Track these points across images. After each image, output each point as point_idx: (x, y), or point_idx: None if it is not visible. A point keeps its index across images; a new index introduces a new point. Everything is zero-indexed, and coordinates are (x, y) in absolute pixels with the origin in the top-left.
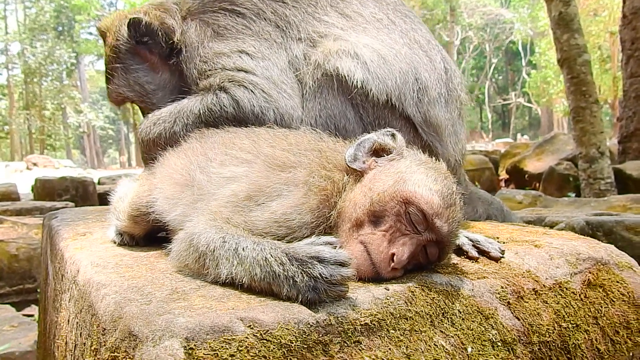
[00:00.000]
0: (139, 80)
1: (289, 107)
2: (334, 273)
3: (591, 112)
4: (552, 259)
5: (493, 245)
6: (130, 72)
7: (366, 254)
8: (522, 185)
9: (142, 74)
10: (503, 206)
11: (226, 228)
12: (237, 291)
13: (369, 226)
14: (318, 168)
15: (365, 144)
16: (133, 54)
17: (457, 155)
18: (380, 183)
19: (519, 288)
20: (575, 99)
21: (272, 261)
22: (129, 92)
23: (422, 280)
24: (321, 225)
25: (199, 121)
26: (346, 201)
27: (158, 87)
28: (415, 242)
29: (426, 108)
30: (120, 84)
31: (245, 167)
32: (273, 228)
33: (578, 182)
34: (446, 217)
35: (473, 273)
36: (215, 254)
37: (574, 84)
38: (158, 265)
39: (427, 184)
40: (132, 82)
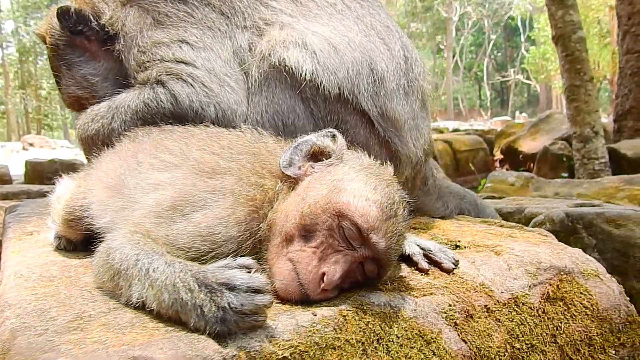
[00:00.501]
0: (83, 73)
1: (232, 102)
2: (245, 302)
3: (586, 91)
4: (511, 269)
5: (446, 254)
6: (73, 67)
7: (294, 274)
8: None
9: (85, 66)
10: (477, 199)
11: (143, 243)
12: (147, 317)
13: (299, 242)
14: (248, 174)
15: (303, 146)
16: (72, 46)
17: (418, 151)
18: (313, 192)
19: (469, 305)
20: (569, 77)
21: (180, 287)
22: (78, 89)
23: (358, 302)
24: (249, 239)
25: (136, 117)
26: (277, 212)
27: (102, 77)
28: (350, 260)
29: (383, 101)
30: (68, 83)
31: (172, 172)
32: (196, 242)
33: (572, 163)
34: (384, 231)
35: (419, 289)
36: (128, 273)
37: (568, 62)
38: (83, 278)
39: (364, 194)
40: (78, 78)
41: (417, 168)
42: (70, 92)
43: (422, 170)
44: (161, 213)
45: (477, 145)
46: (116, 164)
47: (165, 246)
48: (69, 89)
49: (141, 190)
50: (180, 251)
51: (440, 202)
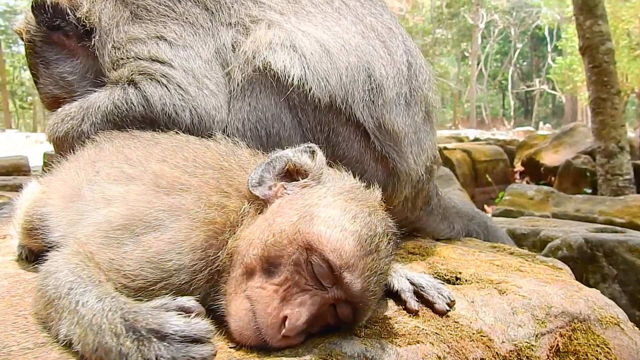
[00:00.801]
0: (60, 71)
1: (210, 108)
2: (177, 355)
3: (612, 104)
4: (515, 314)
5: (440, 292)
6: (51, 65)
7: (251, 315)
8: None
9: (62, 64)
10: (487, 221)
11: (81, 269)
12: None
13: (260, 277)
14: (210, 193)
15: (276, 163)
16: (49, 43)
17: (419, 168)
18: (281, 218)
19: (463, 358)
20: (596, 90)
21: (106, 329)
22: (55, 88)
23: (326, 351)
24: (205, 269)
25: (106, 120)
26: (240, 239)
27: (80, 75)
28: (319, 302)
29: (380, 111)
30: (45, 82)
31: (127, 186)
32: (144, 270)
33: (595, 178)
34: (361, 269)
35: (404, 335)
36: (59, 304)
37: (595, 74)
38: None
39: (340, 223)
40: (56, 77)
41: (418, 187)
42: (47, 91)
43: (424, 189)
44: (109, 233)
45: (497, 156)
46: (74, 171)
47: (110, 272)
48: (46, 88)
49: (94, 204)
50: (126, 279)
51: (446, 222)
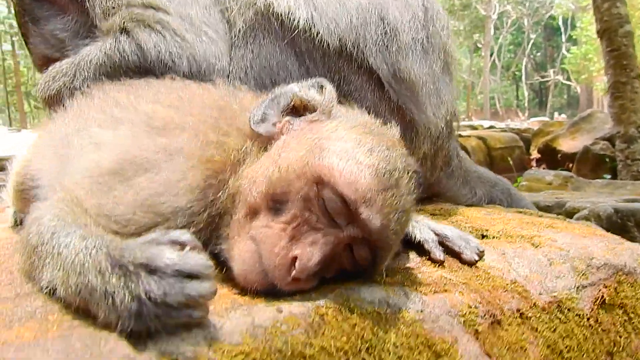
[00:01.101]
0: (51, 29)
1: (210, 55)
2: (170, 291)
3: (632, 88)
4: (552, 265)
5: (468, 242)
6: (41, 23)
7: (256, 256)
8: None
9: (53, 20)
10: (510, 188)
11: (66, 213)
12: (58, 307)
13: (266, 215)
14: (207, 131)
15: (281, 99)
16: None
17: (439, 122)
18: (288, 153)
19: (496, 308)
20: (614, 74)
21: (89, 268)
22: (46, 48)
23: (343, 297)
24: (204, 211)
25: (99, 73)
26: (242, 179)
27: (73, 32)
28: (332, 241)
29: (395, 57)
30: (36, 42)
31: (117, 129)
32: (137, 214)
33: (614, 164)
34: (380, 205)
35: (429, 285)
36: (42, 250)
37: (613, 57)
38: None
39: (354, 156)
40: (47, 35)
41: (438, 143)
42: (39, 51)
43: (444, 147)
44: (98, 178)
45: (512, 143)
46: (63, 123)
47: (99, 218)
48: (38, 49)
49: (82, 150)
50: (117, 225)
51: (467, 187)
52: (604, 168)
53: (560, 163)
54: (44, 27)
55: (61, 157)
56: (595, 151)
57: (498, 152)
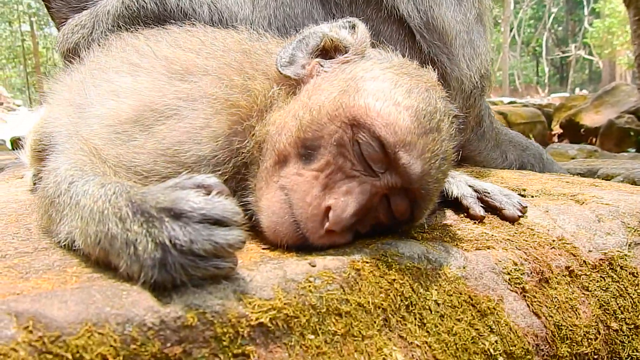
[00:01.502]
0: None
1: (232, 3)
2: (197, 238)
3: None
4: (601, 221)
5: (510, 198)
6: None
7: (286, 207)
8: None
9: None
10: (542, 153)
11: (83, 163)
12: (77, 260)
13: (296, 163)
14: (231, 74)
15: (310, 40)
16: None
17: (473, 75)
18: (319, 95)
19: (544, 266)
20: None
21: (109, 215)
22: (70, 10)
23: (380, 251)
24: (230, 160)
25: (117, 24)
26: (269, 125)
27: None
28: (369, 190)
29: (428, 4)
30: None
31: (135, 75)
32: (158, 164)
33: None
34: (420, 149)
35: (471, 241)
36: (59, 201)
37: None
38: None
39: (391, 96)
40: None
41: (470, 100)
42: (62, 15)
43: (476, 105)
44: (117, 127)
45: (534, 118)
46: (80, 75)
47: (118, 169)
48: (61, 13)
49: (99, 99)
50: (137, 176)
51: (498, 151)
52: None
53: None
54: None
55: (78, 108)
56: (619, 125)
57: (519, 127)
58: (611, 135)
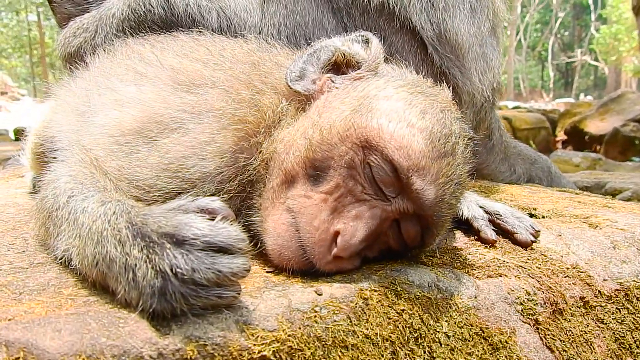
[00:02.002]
0: None
1: (241, 9)
2: (199, 266)
3: None
4: (617, 248)
5: (522, 221)
6: None
7: (293, 230)
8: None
9: None
10: (551, 166)
11: (83, 176)
12: (74, 279)
13: (304, 184)
14: (239, 88)
15: (321, 54)
16: None
17: (485, 88)
18: (329, 113)
19: (557, 296)
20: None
21: (108, 237)
22: (73, 7)
23: (388, 279)
24: (235, 178)
25: (122, 28)
26: (277, 142)
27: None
28: (379, 215)
29: (441, 16)
30: (61, 0)
31: (140, 85)
32: (161, 179)
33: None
34: (434, 174)
35: (482, 267)
36: (58, 215)
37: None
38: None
39: (405, 117)
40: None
41: (481, 114)
42: (63, 11)
43: (486, 118)
44: (120, 138)
45: (539, 124)
46: (84, 81)
47: (120, 182)
48: (63, 8)
49: (102, 107)
50: (139, 190)
51: (506, 164)
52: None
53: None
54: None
55: (81, 115)
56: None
57: (523, 133)
58: (616, 143)
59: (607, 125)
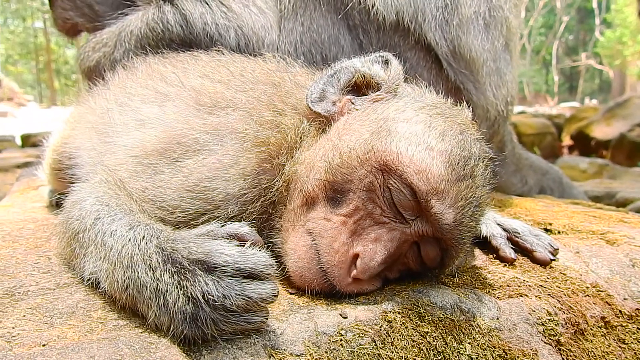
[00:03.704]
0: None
1: (259, 27)
2: (230, 293)
3: None
4: (636, 266)
5: (540, 239)
6: None
7: (313, 252)
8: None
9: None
10: (562, 177)
11: (109, 197)
12: (101, 301)
13: (324, 206)
14: (261, 110)
15: (342, 75)
16: None
17: (499, 103)
18: (349, 136)
19: (579, 316)
20: None
21: (138, 261)
22: (78, 16)
23: (411, 300)
24: (258, 200)
25: (140, 45)
26: (299, 163)
27: (109, 5)
28: (398, 238)
29: (456, 33)
30: (66, 6)
31: (163, 106)
32: (185, 201)
33: None
34: (453, 197)
35: (503, 287)
36: (84, 237)
37: None
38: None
39: (424, 140)
40: (80, 3)
41: (494, 127)
42: (67, 17)
43: (499, 132)
44: (143, 158)
45: (544, 129)
46: (104, 98)
47: (144, 203)
48: (66, 14)
49: (125, 127)
50: (163, 211)
51: (518, 176)
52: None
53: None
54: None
55: (102, 134)
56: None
57: (529, 139)
58: (622, 149)
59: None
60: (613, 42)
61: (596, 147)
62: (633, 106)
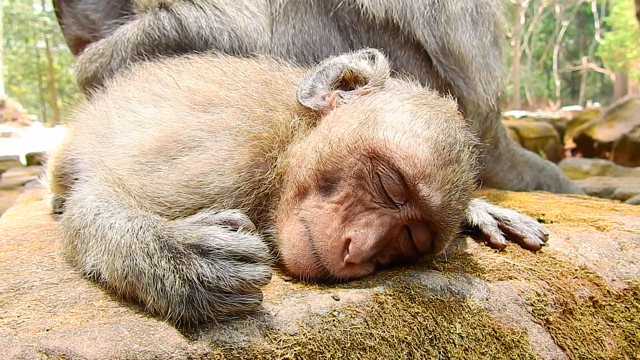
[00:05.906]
0: (83, 8)
1: (252, 30)
2: (224, 275)
3: None
4: (624, 249)
5: (530, 226)
6: (74, 2)
7: (306, 239)
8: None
9: (84, 0)
10: (559, 173)
11: (108, 194)
12: (103, 292)
13: (316, 195)
14: (253, 106)
15: (330, 71)
16: None
17: (489, 98)
18: (338, 127)
19: (567, 296)
20: None
21: (136, 250)
22: (79, 29)
23: (402, 283)
24: (252, 192)
25: (137, 52)
26: (290, 156)
27: (104, 13)
28: (389, 222)
29: (444, 30)
30: (69, 22)
31: (159, 106)
32: (182, 195)
33: None
34: (440, 181)
35: (493, 270)
36: (85, 233)
37: None
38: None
39: (410, 128)
40: (80, 16)
41: (487, 123)
42: (71, 32)
43: (492, 127)
44: (140, 157)
45: (546, 133)
46: (103, 104)
47: (142, 200)
48: (70, 29)
49: (123, 128)
50: (161, 207)
51: (514, 172)
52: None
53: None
54: (77, 6)
55: (102, 137)
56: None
57: (532, 142)
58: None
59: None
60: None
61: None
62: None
